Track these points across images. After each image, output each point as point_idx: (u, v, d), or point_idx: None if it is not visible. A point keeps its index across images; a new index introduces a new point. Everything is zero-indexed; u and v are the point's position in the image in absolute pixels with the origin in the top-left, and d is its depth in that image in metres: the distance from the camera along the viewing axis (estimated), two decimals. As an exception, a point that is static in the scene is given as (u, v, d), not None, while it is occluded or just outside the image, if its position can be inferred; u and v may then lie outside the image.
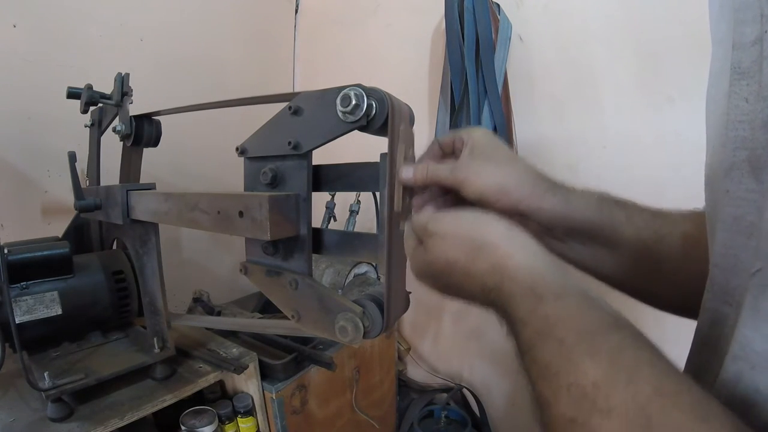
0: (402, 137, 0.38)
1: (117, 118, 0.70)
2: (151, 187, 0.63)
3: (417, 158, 0.42)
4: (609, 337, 0.23)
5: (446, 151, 0.42)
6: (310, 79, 1.58)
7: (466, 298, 0.33)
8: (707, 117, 0.26)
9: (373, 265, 1.17)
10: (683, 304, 0.35)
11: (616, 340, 0.23)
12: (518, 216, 0.37)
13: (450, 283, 0.32)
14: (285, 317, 0.45)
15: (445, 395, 1.32)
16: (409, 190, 0.40)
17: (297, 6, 1.56)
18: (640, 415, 0.20)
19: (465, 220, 0.33)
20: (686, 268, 0.35)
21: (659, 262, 0.37)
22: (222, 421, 0.80)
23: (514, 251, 0.30)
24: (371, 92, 0.36)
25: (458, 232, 0.32)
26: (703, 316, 0.26)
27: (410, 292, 0.43)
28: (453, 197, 0.41)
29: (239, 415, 0.82)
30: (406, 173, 0.38)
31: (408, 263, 0.37)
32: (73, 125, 0.81)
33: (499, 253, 0.30)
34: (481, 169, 0.37)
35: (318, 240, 0.46)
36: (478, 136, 0.39)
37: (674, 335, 0.35)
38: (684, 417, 0.19)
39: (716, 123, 0.24)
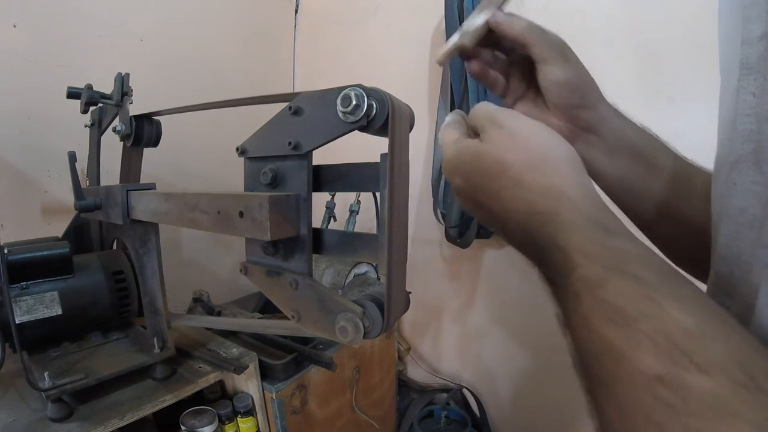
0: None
1: (117, 118, 0.70)
2: (151, 187, 0.63)
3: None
4: (692, 288, 0.20)
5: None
6: (310, 79, 1.58)
7: (494, 213, 0.28)
8: (719, 112, 0.26)
9: (373, 265, 1.17)
10: (704, 269, 0.32)
11: (700, 292, 0.20)
12: (581, 124, 0.36)
13: (487, 187, 0.28)
14: (285, 317, 0.45)
15: (445, 395, 1.32)
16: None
17: (297, 6, 1.56)
18: (743, 373, 0.16)
19: (539, 128, 0.29)
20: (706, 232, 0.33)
21: (689, 197, 0.35)
22: (222, 421, 0.80)
23: (580, 179, 0.26)
24: (371, 92, 0.36)
25: (529, 136, 0.28)
26: None
27: (410, 292, 0.43)
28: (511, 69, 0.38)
29: (239, 415, 0.82)
30: (507, 17, 0.35)
31: (442, 148, 0.32)
32: (73, 125, 0.81)
33: (565, 177, 0.26)
34: (572, 55, 0.36)
35: (318, 240, 0.46)
36: (554, 35, 0.37)
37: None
38: None
39: (725, 118, 0.24)
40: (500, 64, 0.39)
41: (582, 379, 0.22)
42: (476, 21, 0.36)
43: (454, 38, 0.36)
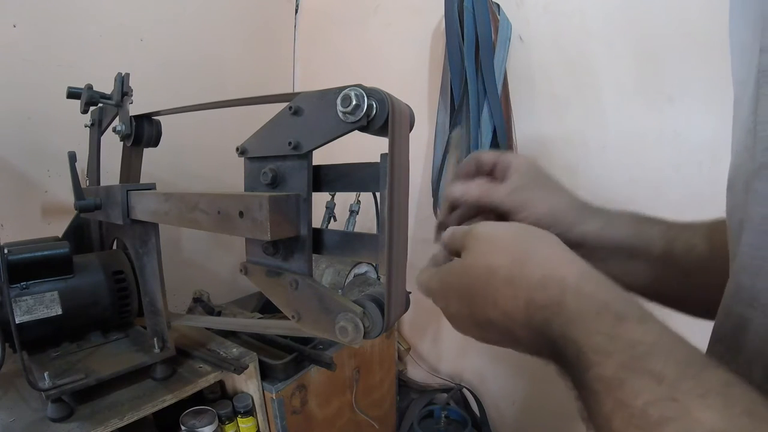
0: (454, 144, 0.39)
1: (117, 118, 0.70)
2: (151, 187, 0.63)
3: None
4: (714, 372, 0.19)
5: (482, 171, 0.41)
6: (310, 79, 1.58)
7: (497, 324, 0.27)
8: (733, 123, 0.25)
9: (373, 265, 1.17)
10: (710, 308, 0.33)
11: (723, 375, 0.19)
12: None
13: (481, 298, 0.27)
14: (285, 317, 0.45)
15: (445, 395, 1.32)
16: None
17: (297, 6, 1.56)
18: None
19: (516, 227, 0.29)
20: (713, 272, 0.33)
21: (689, 271, 0.36)
22: (222, 421, 0.80)
23: (573, 259, 0.25)
24: (371, 92, 0.36)
25: (508, 237, 0.28)
26: (726, 321, 0.25)
27: (410, 292, 0.43)
28: (486, 218, 0.40)
29: (239, 415, 0.82)
30: (458, 190, 0.36)
31: (426, 290, 0.33)
32: (73, 125, 0.81)
33: (556, 261, 0.25)
34: (537, 195, 0.37)
35: (318, 240, 0.46)
36: (526, 162, 0.38)
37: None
38: None
39: (742, 127, 0.24)
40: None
41: None
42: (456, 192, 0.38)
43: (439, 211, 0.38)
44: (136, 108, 0.70)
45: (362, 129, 0.37)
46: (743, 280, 0.23)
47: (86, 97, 0.69)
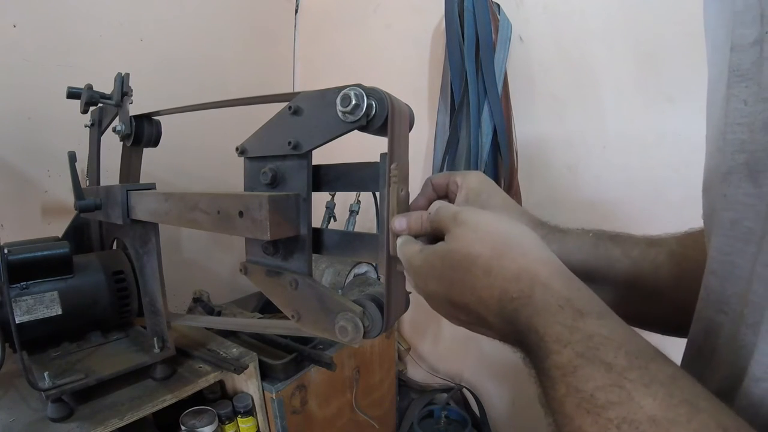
0: (397, 174, 0.37)
1: (117, 118, 0.70)
2: (151, 187, 0.63)
3: (411, 198, 0.41)
4: (661, 365, 0.21)
5: (439, 193, 0.41)
6: (310, 79, 1.58)
7: (471, 309, 0.29)
8: (707, 123, 0.25)
9: (373, 265, 1.17)
10: (679, 325, 0.34)
11: (669, 367, 0.21)
12: None
13: (460, 283, 0.28)
14: (285, 317, 0.45)
15: (445, 395, 1.32)
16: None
17: (297, 6, 1.56)
18: None
19: (498, 219, 0.30)
20: (682, 288, 0.34)
21: (656, 289, 0.36)
22: (222, 421, 0.80)
23: (547, 259, 0.27)
24: (371, 92, 0.36)
25: (491, 227, 0.29)
26: (697, 326, 0.25)
27: (410, 292, 0.43)
28: None
29: (239, 415, 0.82)
30: (399, 224, 0.36)
31: (407, 264, 0.33)
32: (73, 125, 0.81)
33: (531, 257, 0.27)
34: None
35: (318, 240, 0.46)
36: (472, 180, 0.39)
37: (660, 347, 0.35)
38: None
39: (714, 128, 0.24)
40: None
41: None
42: (396, 226, 0.37)
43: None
44: (136, 108, 0.70)
45: (362, 129, 0.38)
46: (713, 283, 0.23)
47: (86, 97, 0.69)
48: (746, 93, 0.21)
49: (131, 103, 0.69)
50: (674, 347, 0.28)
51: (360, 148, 0.54)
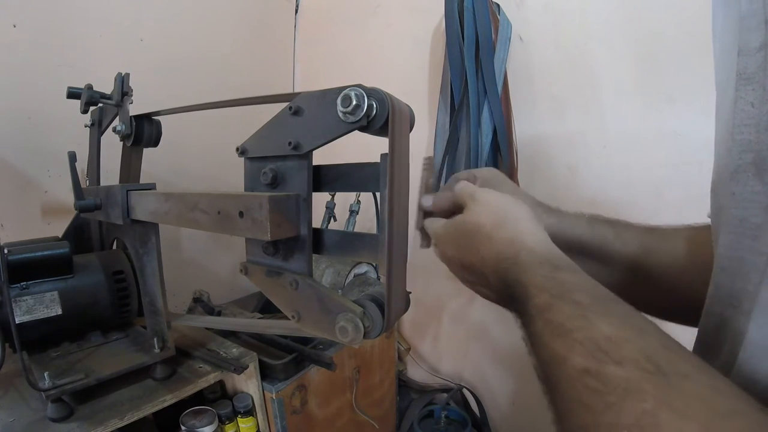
0: (428, 164, 0.52)
1: (117, 118, 0.70)
2: (151, 187, 0.63)
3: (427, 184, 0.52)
4: (620, 305, 0.26)
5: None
6: (310, 79, 1.58)
7: (476, 268, 0.36)
8: (716, 125, 0.26)
9: (373, 265, 1.17)
10: (674, 310, 0.38)
11: (627, 307, 0.25)
12: None
13: (469, 247, 0.36)
14: (285, 317, 0.45)
15: (445, 395, 1.32)
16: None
17: (297, 6, 1.56)
18: (649, 363, 0.21)
19: (502, 197, 0.38)
20: (674, 277, 0.39)
21: (648, 274, 0.41)
22: (222, 421, 0.80)
23: (534, 230, 0.34)
24: (372, 93, 0.36)
25: (493, 203, 0.37)
26: (707, 320, 0.26)
27: (410, 292, 0.43)
28: None
29: (239, 415, 0.82)
30: (426, 201, 0.47)
31: (434, 234, 0.42)
32: (73, 125, 0.81)
33: (521, 228, 0.34)
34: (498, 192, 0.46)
35: (318, 240, 0.46)
36: (486, 173, 0.49)
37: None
38: (689, 366, 0.21)
39: (723, 130, 0.25)
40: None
41: (542, 385, 0.27)
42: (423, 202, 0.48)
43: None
44: (136, 108, 0.70)
45: (362, 129, 0.38)
46: (722, 279, 0.24)
47: (86, 97, 0.69)
48: (753, 95, 0.21)
49: (131, 103, 0.69)
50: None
51: (360, 148, 0.54)
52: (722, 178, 0.24)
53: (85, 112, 0.73)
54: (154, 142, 0.73)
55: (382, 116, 0.36)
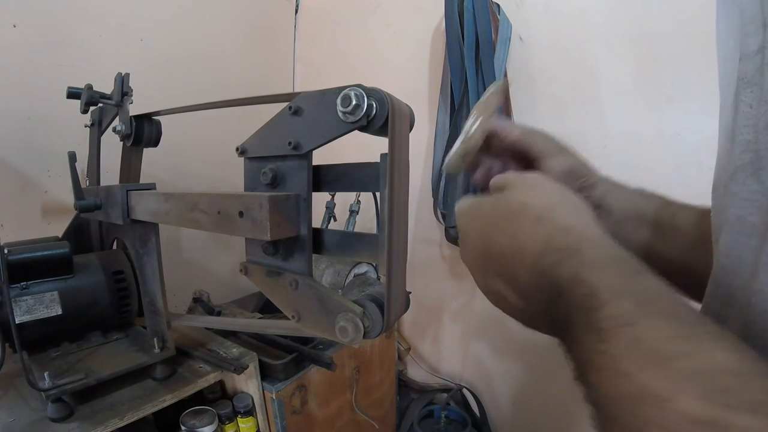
0: (501, 92, 0.42)
1: (117, 118, 0.70)
2: (151, 187, 0.63)
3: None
4: (714, 325, 0.20)
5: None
6: (310, 79, 1.58)
7: (508, 256, 0.28)
8: (719, 129, 0.27)
9: (373, 265, 1.17)
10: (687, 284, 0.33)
11: (728, 331, 0.19)
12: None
13: (503, 227, 0.28)
14: (285, 317, 0.45)
15: (445, 395, 1.32)
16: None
17: (297, 6, 1.56)
18: None
19: (558, 184, 0.31)
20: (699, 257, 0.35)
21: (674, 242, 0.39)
22: (222, 421, 0.80)
23: (597, 227, 0.27)
24: (371, 92, 0.36)
25: (548, 187, 0.30)
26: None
27: (410, 292, 0.43)
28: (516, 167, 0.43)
29: (239, 415, 0.82)
30: (502, 124, 0.40)
31: (459, 205, 0.34)
32: (73, 125, 0.81)
33: (582, 219, 0.27)
34: (566, 146, 0.43)
35: (318, 240, 0.46)
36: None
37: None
38: None
39: (724, 132, 0.25)
40: (499, 166, 0.43)
41: (601, 427, 0.20)
42: (474, 128, 0.39)
43: (458, 144, 0.39)
44: (136, 108, 0.70)
45: (362, 129, 0.38)
46: (720, 278, 0.24)
47: (86, 97, 0.69)
48: (751, 97, 0.22)
49: (131, 103, 0.69)
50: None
51: (360, 148, 0.54)
52: (722, 179, 0.25)
53: (85, 112, 0.73)
54: (154, 142, 0.73)
55: (382, 116, 0.36)
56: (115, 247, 0.80)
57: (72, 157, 0.61)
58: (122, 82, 0.68)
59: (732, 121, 0.23)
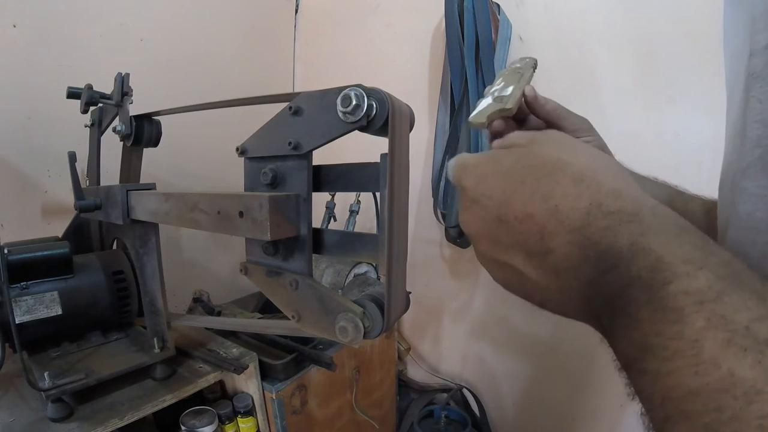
0: (532, 66, 0.44)
1: (117, 118, 0.70)
2: (151, 187, 0.63)
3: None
4: None
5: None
6: (310, 79, 1.58)
7: (535, 219, 0.22)
8: (726, 126, 0.26)
9: (373, 265, 1.17)
10: None
11: None
12: None
13: (532, 187, 0.23)
14: (285, 317, 0.45)
15: (445, 395, 1.32)
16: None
17: (297, 6, 1.56)
18: None
19: (598, 149, 0.26)
20: None
21: None
22: (222, 421, 0.80)
23: (648, 196, 0.22)
24: (372, 93, 0.36)
25: (588, 148, 0.25)
26: None
27: (410, 292, 0.43)
28: None
29: (239, 415, 0.82)
30: (534, 92, 0.39)
31: (460, 160, 0.27)
32: (73, 125, 0.81)
33: (630, 183, 0.22)
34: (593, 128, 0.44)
35: (318, 240, 0.46)
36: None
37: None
38: None
39: (732, 129, 0.25)
40: None
41: (662, 427, 0.17)
42: (508, 92, 0.38)
43: (486, 102, 0.38)
44: (136, 108, 0.70)
45: (362, 129, 0.38)
46: None
47: (86, 97, 0.69)
48: (761, 92, 0.22)
49: (131, 103, 0.69)
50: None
51: (360, 148, 0.54)
52: (731, 176, 0.25)
53: (85, 112, 0.73)
54: (154, 142, 0.73)
55: (382, 116, 0.36)
56: (115, 247, 0.80)
57: (72, 157, 0.61)
58: (122, 82, 0.68)
59: (742, 117, 0.23)
